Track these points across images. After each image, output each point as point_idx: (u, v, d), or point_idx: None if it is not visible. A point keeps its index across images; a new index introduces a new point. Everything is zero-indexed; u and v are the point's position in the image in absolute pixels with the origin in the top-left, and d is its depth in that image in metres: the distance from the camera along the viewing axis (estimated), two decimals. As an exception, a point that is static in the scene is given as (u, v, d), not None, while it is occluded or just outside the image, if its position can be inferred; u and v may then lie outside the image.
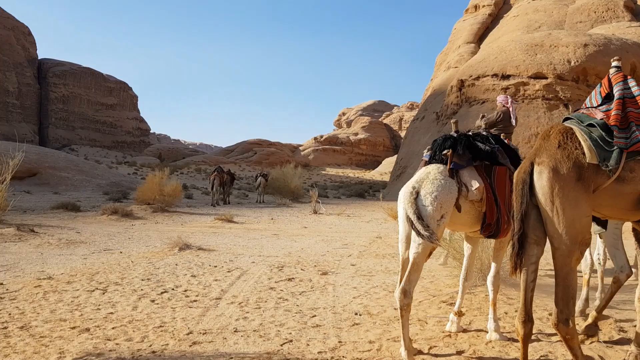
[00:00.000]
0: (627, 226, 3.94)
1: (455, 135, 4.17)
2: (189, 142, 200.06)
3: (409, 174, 31.83)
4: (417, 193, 3.72)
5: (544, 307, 4.94)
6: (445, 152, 3.99)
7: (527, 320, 3.18)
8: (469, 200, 3.87)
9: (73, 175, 26.92)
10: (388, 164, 74.61)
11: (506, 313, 4.75)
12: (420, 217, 3.58)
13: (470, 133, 4.27)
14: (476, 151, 4.05)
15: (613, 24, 43.65)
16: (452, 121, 4.58)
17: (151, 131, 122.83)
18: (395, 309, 4.98)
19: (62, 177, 26.17)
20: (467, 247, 4.48)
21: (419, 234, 3.54)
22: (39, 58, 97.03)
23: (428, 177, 3.80)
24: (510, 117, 7.02)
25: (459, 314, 4.31)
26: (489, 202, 3.92)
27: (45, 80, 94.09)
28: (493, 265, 4.26)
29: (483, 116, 6.92)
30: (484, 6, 62.96)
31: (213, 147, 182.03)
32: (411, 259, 3.66)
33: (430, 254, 3.77)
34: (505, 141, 6.99)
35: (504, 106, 7.12)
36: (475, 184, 3.86)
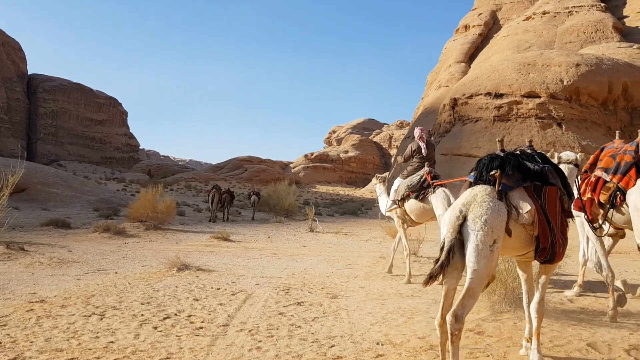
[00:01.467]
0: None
1: (502, 154, 3.91)
2: (179, 158, 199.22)
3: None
4: (465, 217, 3.47)
5: (579, 337, 4.62)
6: (492, 172, 3.72)
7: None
8: (519, 223, 3.61)
9: (62, 191, 26.37)
10: (379, 182, 74.37)
11: (541, 344, 4.41)
12: (450, 250, 3.37)
13: (517, 152, 3.98)
14: (526, 171, 3.79)
15: (603, 44, 44.12)
16: (497, 139, 4.22)
17: (140, 147, 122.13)
18: (419, 338, 4.65)
19: (51, 193, 25.61)
20: (521, 274, 4.23)
21: (437, 260, 3.40)
22: (29, 73, 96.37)
23: (475, 199, 3.55)
24: (420, 148, 8.24)
25: (530, 340, 4.05)
26: (541, 225, 3.66)
27: (34, 95, 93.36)
28: (537, 292, 3.99)
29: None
30: (474, 26, 63.62)
31: (203, 164, 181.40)
32: (467, 285, 3.40)
33: (489, 284, 3.50)
34: (426, 168, 7.93)
35: (415, 140, 8.42)
36: (526, 207, 3.62)
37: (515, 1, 64.26)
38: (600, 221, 5.32)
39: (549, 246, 3.68)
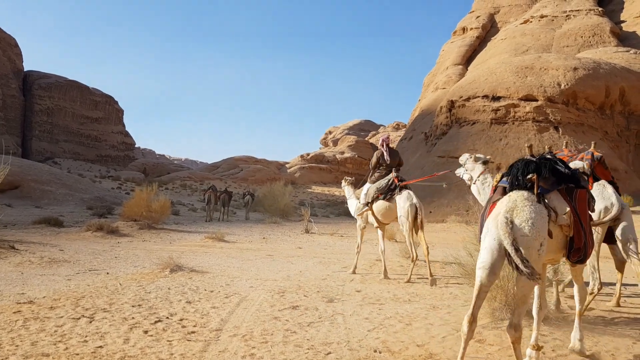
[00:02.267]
0: None
1: (535, 158, 3.97)
2: (174, 157, 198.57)
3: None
4: (512, 223, 3.48)
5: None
6: (529, 176, 3.81)
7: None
8: (557, 225, 3.76)
9: (56, 189, 26.13)
10: (375, 183, 74.23)
11: (543, 353, 4.28)
12: (518, 250, 3.31)
13: (549, 156, 4.07)
14: (559, 174, 3.91)
15: (600, 48, 44.11)
16: (526, 145, 4.32)
17: (136, 146, 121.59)
18: (418, 345, 4.52)
19: (44, 191, 25.37)
20: None
21: (518, 269, 3.33)
22: (25, 70, 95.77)
23: (517, 205, 3.59)
24: (384, 155, 8.97)
25: (537, 347, 4.00)
26: (575, 226, 3.80)
27: (30, 92, 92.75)
28: (576, 286, 4.32)
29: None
30: (471, 29, 63.54)
31: (198, 163, 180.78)
32: (519, 293, 3.51)
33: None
34: (394, 173, 8.68)
35: (379, 148, 9.14)
36: (565, 208, 3.79)
37: (513, 4, 64.24)
38: None
39: (582, 246, 3.80)
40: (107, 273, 8.15)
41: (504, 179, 4.00)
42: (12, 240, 10.77)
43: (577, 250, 3.81)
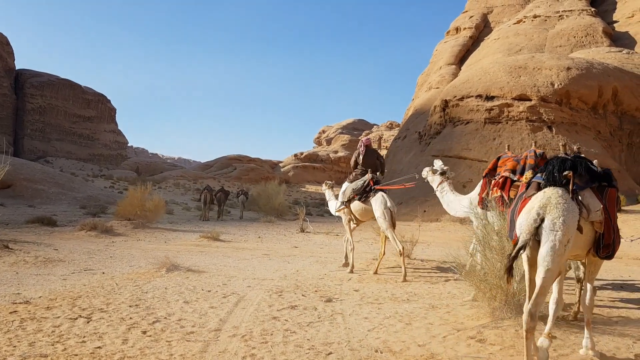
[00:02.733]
0: None
1: (570, 156, 4.17)
2: (167, 156, 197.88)
3: (392, 192, 31.49)
4: (542, 220, 3.71)
5: (583, 345, 4.49)
6: (566, 173, 3.98)
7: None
8: (588, 221, 3.94)
9: (49, 188, 25.95)
10: (368, 183, 74.29)
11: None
12: (524, 247, 3.68)
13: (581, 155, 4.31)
14: (593, 173, 4.11)
15: (593, 48, 44.32)
16: (560, 144, 4.63)
17: (129, 144, 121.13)
18: (419, 345, 4.50)
19: (37, 190, 25.19)
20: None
21: (514, 258, 3.70)
22: (17, 68, 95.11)
23: (550, 201, 3.78)
24: (359, 156, 9.49)
25: (550, 337, 4.08)
26: (606, 223, 3.98)
27: (22, 91, 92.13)
28: (589, 286, 4.34)
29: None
30: (465, 29, 63.65)
31: (192, 162, 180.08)
32: (540, 284, 3.66)
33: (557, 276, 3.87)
34: (369, 175, 9.07)
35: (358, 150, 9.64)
36: (597, 205, 3.96)
37: (506, 4, 64.41)
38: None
39: (611, 242, 4.00)
40: (103, 273, 8.08)
41: (539, 174, 4.18)
42: (5, 240, 10.68)
43: (606, 246, 4.00)
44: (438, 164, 8.65)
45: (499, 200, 6.30)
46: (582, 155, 4.32)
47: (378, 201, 8.62)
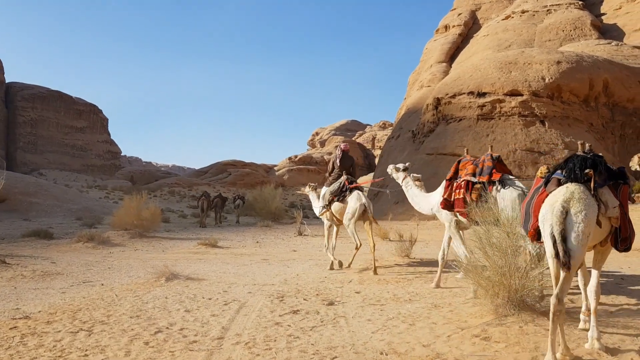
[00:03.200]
0: None
1: (590, 155, 4.37)
2: (161, 164, 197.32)
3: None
4: (567, 212, 3.94)
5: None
6: (587, 171, 4.19)
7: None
8: (606, 216, 4.16)
9: (44, 201, 25.83)
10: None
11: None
12: (565, 239, 3.87)
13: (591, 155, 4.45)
14: (610, 171, 4.30)
15: (582, 41, 44.50)
16: (579, 142, 4.83)
17: (122, 154, 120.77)
18: (424, 346, 4.48)
19: (32, 203, 25.06)
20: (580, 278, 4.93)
21: (557, 255, 3.89)
22: (7, 82, 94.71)
23: (573, 196, 4.00)
24: (337, 161, 10.07)
25: (587, 313, 4.66)
26: (622, 218, 4.24)
27: (13, 104, 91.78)
28: (595, 273, 4.44)
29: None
30: (454, 26, 63.83)
31: (186, 169, 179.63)
32: (563, 273, 3.92)
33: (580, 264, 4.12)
34: (344, 176, 9.72)
35: (335, 154, 10.23)
36: (614, 202, 4.18)
37: (494, 1, 64.62)
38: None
39: (628, 236, 4.29)
40: (102, 284, 8.03)
41: (558, 171, 4.36)
42: (2, 255, 10.58)
43: (624, 239, 4.29)
44: (401, 164, 9.34)
45: (461, 202, 6.86)
46: (596, 153, 4.48)
47: (353, 198, 9.29)
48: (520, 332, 4.65)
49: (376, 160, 73.92)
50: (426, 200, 8.23)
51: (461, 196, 6.86)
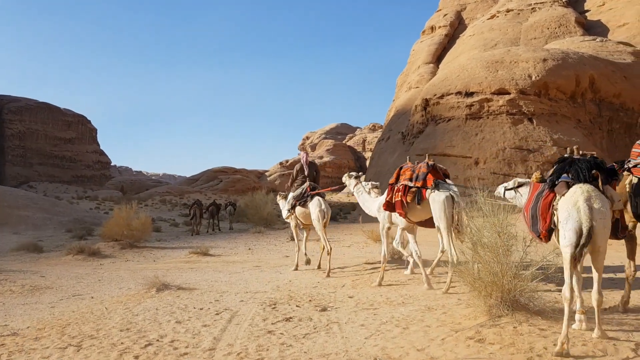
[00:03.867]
0: None
1: (592, 158, 4.78)
2: (152, 173, 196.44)
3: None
4: (591, 208, 4.24)
5: (582, 337, 4.44)
6: (594, 172, 4.59)
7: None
8: (611, 210, 4.48)
9: (33, 214, 25.59)
10: (355, 186, 74.25)
11: (545, 348, 4.22)
12: (590, 235, 4.15)
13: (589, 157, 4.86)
14: (609, 170, 4.79)
15: (567, 38, 44.77)
16: (574, 147, 5.11)
17: (112, 164, 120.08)
18: (418, 350, 4.43)
19: (21, 217, 24.81)
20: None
21: (584, 245, 4.16)
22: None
23: (591, 194, 4.35)
24: (303, 167, 10.57)
25: (583, 312, 4.90)
26: (621, 210, 4.81)
27: (0, 117, 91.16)
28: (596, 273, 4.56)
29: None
30: (439, 27, 64.08)
31: (177, 177, 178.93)
32: (600, 265, 4.41)
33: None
34: (307, 183, 10.35)
35: (299, 162, 10.76)
36: (618, 196, 4.67)
37: (479, 0, 64.98)
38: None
39: (626, 225, 5.02)
40: (92, 297, 7.93)
41: (565, 174, 4.72)
42: (-10, 270, 10.45)
43: (624, 228, 5.00)
44: (354, 173, 10.13)
45: (399, 204, 7.56)
46: (593, 155, 4.92)
47: (314, 204, 9.80)
48: (514, 332, 4.60)
49: (367, 163, 74.02)
50: (374, 204, 8.89)
51: (399, 199, 7.56)
